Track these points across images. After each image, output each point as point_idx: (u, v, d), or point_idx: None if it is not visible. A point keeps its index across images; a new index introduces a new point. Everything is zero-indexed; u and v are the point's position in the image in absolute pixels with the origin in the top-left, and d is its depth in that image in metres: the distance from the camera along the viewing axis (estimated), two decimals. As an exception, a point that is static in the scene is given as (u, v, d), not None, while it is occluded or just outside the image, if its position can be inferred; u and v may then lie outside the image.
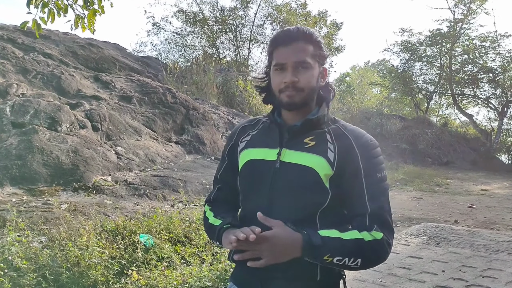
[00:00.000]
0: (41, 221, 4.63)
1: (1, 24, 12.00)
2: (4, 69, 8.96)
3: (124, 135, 8.65)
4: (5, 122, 7.00)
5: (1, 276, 3.11)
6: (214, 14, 22.22)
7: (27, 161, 6.26)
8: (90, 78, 10.86)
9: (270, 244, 1.21)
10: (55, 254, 3.58)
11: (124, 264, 3.87)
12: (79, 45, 12.54)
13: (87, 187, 6.34)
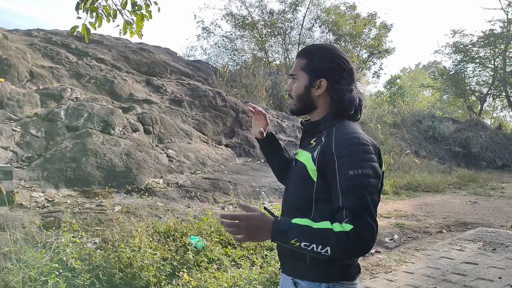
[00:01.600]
0: (95, 222, 4.72)
1: (55, 30, 12.62)
2: (58, 73, 9.36)
3: (175, 138, 8.77)
4: (60, 125, 7.28)
5: (56, 276, 3.16)
6: (262, 18, 22.35)
7: (81, 163, 6.45)
8: (142, 82, 11.15)
9: (246, 223, 1.44)
10: (108, 255, 3.61)
11: (175, 266, 3.85)
12: (131, 50, 12.93)
13: (139, 189, 6.43)
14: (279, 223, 1.45)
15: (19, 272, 3.21)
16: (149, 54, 13.50)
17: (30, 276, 3.17)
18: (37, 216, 4.80)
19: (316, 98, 1.64)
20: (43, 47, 10.35)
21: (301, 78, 1.65)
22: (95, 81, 9.80)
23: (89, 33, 4.94)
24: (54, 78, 9.07)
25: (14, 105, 7.35)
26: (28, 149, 6.66)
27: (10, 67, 8.25)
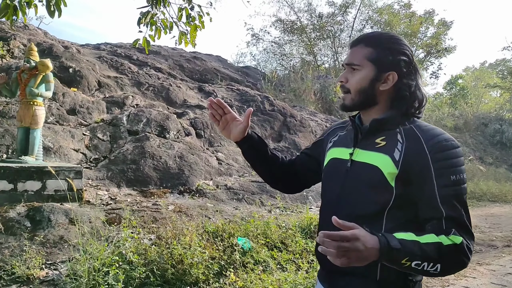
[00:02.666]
0: (150, 220, 5.01)
1: (120, 43, 13.31)
2: (122, 83, 9.90)
3: (225, 142, 9.02)
4: (122, 130, 7.73)
5: (116, 268, 3.43)
6: (311, 22, 22.23)
7: (140, 165, 6.83)
8: (195, 88, 11.53)
9: (354, 244, 1.13)
10: (162, 251, 3.85)
11: (222, 265, 4.02)
12: (185, 58, 13.39)
13: (191, 190, 6.72)
14: (388, 241, 1.17)
15: (86, 263, 3.50)
16: (202, 62, 13.91)
17: (94, 267, 3.46)
18: (101, 212, 5.16)
19: (379, 93, 1.41)
20: (109, 59, 10.98)
21: (366, 69, 1.40)
22: (153, 88, 10.27)
23: (149, 45, 5.27)
24: (118, 87, 9.61)
25: (84, 112, 7.89)
26: (96, 151, 7.14)
27: (82, 77, 8.85)
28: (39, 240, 4.34)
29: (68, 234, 4.54)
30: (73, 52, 10.06)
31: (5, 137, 6.69)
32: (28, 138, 5.69)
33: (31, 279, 3.73)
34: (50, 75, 5.87)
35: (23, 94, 5.73)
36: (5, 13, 4.57)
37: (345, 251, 1.12)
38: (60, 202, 5.30)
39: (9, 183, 5.16)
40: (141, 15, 5.22)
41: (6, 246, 4.26)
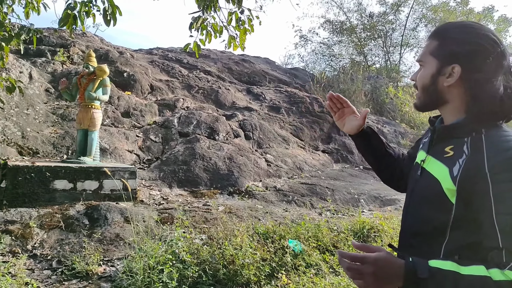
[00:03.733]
0: (201, 220, 5.09)
1: (171, 47, 13.68)
2: (173, 86, 10.16)
3: (273, 143, 9.02)
4: (174, 131, 7.92)
5: (170, 266, 3.50)
6: (361, 22, 21.83)
7: (191, 166, 6.97)
8: (243, 91, 11.63)
9: (375, 269, 1.07)
10: (214, 251, 3.89)
11: (274, 267, 4.00)
12: (233, 61, 13.54)
13: (240, 192, 6.76)
14: (415, 268, 1.07)
15: (141, 260, 3.60)
16: (250, 64, 14.01)
17: (149, 265, 3.55)
18: (154, 212, 5.30)
19: (445, 90, 1.25)
20: (161, 63, 11.32)
21: (429, 64, 1.28)
22: (203, 91, 10.46)
23: (199, 49, 5.37)
24: (169, 90, 9.88)
25: (138, 115, 8.17)
26: (148, 153, 7.36)
27: (135, 81, 9.18)
28: (97, 237, 4.52)
29: (123, 232, 4.70)
30: (127, 57, 10.45)
31: (66, 138, 7.04)
32: (87, 139, 5.96)
33: (90, 275, 3.89)
34: (107, 79, 6.12)
35: (82, 97, 6.01)
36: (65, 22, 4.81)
37: (359, 274, 1.07)
38: (116, 201, 5.50)
39: (69, 183, 5.42)
40: (192, 20, 5.34)
41: (67, 242, 4.47)
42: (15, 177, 5.11)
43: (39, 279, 3.81)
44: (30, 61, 9.10)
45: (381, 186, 8.05)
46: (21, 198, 5.08)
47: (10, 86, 5.87)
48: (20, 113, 7.15)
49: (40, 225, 4.68)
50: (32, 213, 4.88)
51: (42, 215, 4.87)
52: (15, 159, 5.99)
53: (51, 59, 9.57)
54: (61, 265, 4.09)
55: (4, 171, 5.19)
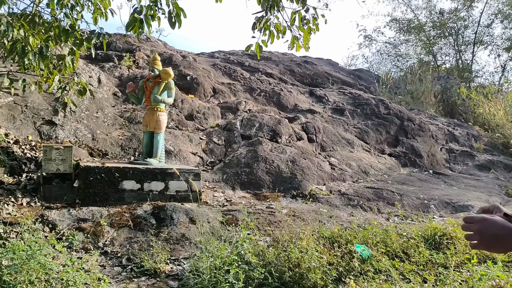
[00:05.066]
0: (265, 222, 5.11)
1: (232, 50, 13.94)
2: (235, 89, 10.35)
3: (337, 147, 8.89)
4: (236, 134, 8.05)
5: (236, 267, 3.55)
6: (431, 19, 20.96)
7: (254, 168, 7.04)
8: (306, 93, 11.59)
9: (480, 226, 1.17)
10: (279, 254, 3.89)
11: (341, 272, 3.93)
12: (295, 63, 13.54)
13: (304, 195, 6.73)
14: None
15: (207, 260, 3.68)
16: (312, 66, 13.94)
17: (215, 265, 3.62)
18: (218, 213, 5.40)
19: None
20: (223, 66, 11.58)
21: None
22: (265, 94, 10.55)
23: (261, 50, 5.42)
24: (231, 93, 10.07)
25: (201, 117, 8.41)
26: (211, 155, 7.54)
27: (198, 85, 9.47)
28: (164, 237, 4.69)
29: (189, 232, 4.83)
30: (190, 61, 10.80)
31: (132, 140, 7.39)
32: (153, 142, 6.20)
33: (158, 273, 4.04)
34: (172, 82, 6.34)
35: (148, 100, 6.27)
36: (132, 26, 5.07)
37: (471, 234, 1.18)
38: (181, 202, 5.68)
39: (137, 183, 5.67)
40: (255, 20, 5.41)
41: (135, 240, 4.67)
42: (87, 177, 5.42)
43: (110, 275, 4.00)
44: (99, 66, 9.66)
45: (453, 192, 7.67)
46: (92, 197, 5.39)
47: (81, 90, 6.28)
48: (90, 116, 7.60)
49: (110, 224, 4.93)
50: (103, 211, 5.15)
51: (112, 214, 5.13)
52: (86, 160, 6.37)
53: (118, 64, 10.11)
54: (130, 263, 4.28)
55: (76, 171, 5.54)
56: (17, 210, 4.88)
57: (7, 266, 3.22)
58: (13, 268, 3.21)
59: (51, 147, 5.54)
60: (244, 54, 13.05)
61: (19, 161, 5.87)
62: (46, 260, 3.42)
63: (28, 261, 3.30)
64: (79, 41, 5.30)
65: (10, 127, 6.57)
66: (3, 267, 3.23)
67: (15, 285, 3.04)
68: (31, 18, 5.15)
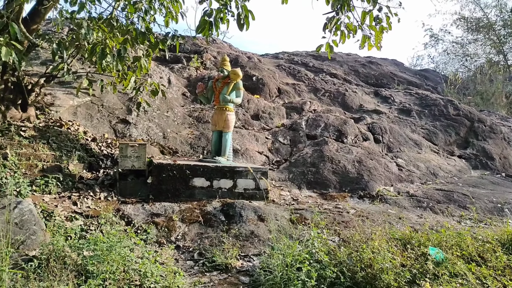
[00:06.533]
0: (333, 222, 4.99)
1: (296, 51, 13.86)
2: (299, 89, 10.26)
3: (404, 147, 8.53)
4: (301, 134, 7.97)
5: (308, 266, 3.47)
6: (501, 17, 19.72)
7: (319, 168, 6.92)
8: (371, 93, 11.25)
9: None
10: (351, 253, 3.76)
11: (414, 274, 3.73)
12: (360, 63, 13.21)
13: (371, 196, 6.51)
14: None
15: (278, 258, 3.64)
16: (377, 66, 13.54)
17: (287, 262, 3.56)
18: (286, 212, 5.35)
19: None
20: (287, 67, 11.54)
21: None
22: (329, 94, 10.37)
23: (332, 50, 5.31)
24: (296, 93, 10.00)
25: (266, 117, 8.42)
26: (277, 154, 7.52)
27: (263, 85, 9.49)
28: (233, 233, 4.71)
29: (257, 229, 4.82)
30: (255, 62, 10.86)
31: (201, 139, 7.53)
32: (221, 140, 6.27)
33: (229, 268, 4.05)
34: (240, 83, 6.38)
35: (217, 100, 6.34)
36: (202, 28, 5.16)
37: None
38: (249, 200, 5.68)
39: (207, 180, 5.75)
40: (327, 20, 5.31)
41: (206, 236, 4.73)
42: (160, 174, 5.58)
43: (183, 269, 4.07)
44: (168, 67, 9.96)
45: (528, 195, 7.11)
46: (164, 193, 5.53)
47: (154, 90, 6.50)
48: (161, 116, 7.85)
49: (181, 219, 5.03)
50: (174, 207, 5.27)
51: (183, 209, 5.23)
52: (158, 157, 6.57)
53: (186, 65, 10.38)
54: (202, 257, 4.33)
55: (150, 168, 5.72)
56: (96, 204, 5.11)
57: (91, 257, 3.36)
58: (95, 258, 3.34)
59: (126, 144, 5.77)
60: (308, 54, 12.94)
61: (97, 158, 6.16)
62: (125, 252, 3.54)
63: (109, 252, 3.42)
64: (154, 43, 5.48)
65: (88, 125, 6.93)
66: (87, 257, 3.37)
67: (98, 274, 3.16)
68: (109, 22, 5.39)
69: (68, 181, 5.39)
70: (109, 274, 3.22)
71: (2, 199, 4.11)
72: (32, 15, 5.80)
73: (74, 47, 5.76)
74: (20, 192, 4.54)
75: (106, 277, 3.16)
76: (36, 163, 5.41)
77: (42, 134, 5.95)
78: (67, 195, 5.15)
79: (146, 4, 5.71)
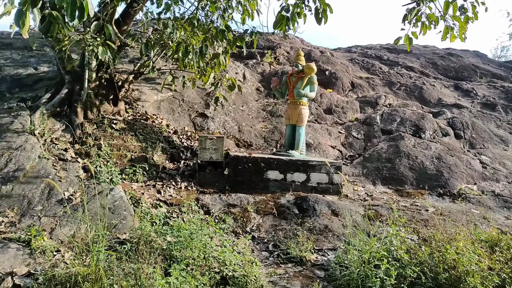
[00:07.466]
0: (411, 220, 4.76)
1: (369, 44, 13.40)
2: (373, 83, 9.91)
3: (489, 144, 7.93)
4: (376, 129, 7.70)
5: (386, 263, 3.33)
6: None
7: (395, 164, 6.64)
8: (450, 87, 10.60)
9: None
10: (432, 253, 3.57)
11: (504, 279, 3.45)
12: (438, 56, 12.47)
13: (451, 194, 6.13)
14: None
15: (355, 254, 3.54)
16: (457, 58, 12.70)
17: (364, 259, 3.45)
18: (360, 207, 5.21)
19: None
20: (360, 61, 11.20)
21: None
22: (405, 88, 9.91)
23: (411, 42, 5.04)
24: (370, 87, 9.68)
25: (339, 111, 8.24)
26: (350, 149, 7.34)
27: (336, 79, 9.30)
28: (307, 227, 4.67)
29: (331, 224, 4.74)
30: (328, 56, 10.66)
31: (274, 133, 7.55)
32: (295, 134, 6.24)
33: (304, 261, 4.02)
34: (315, 77, 6.29)
35: (291, 95, 6.31)
36: (280, 24, 5.13)
37: None
38: (322, 194, 5.61)
39: (280, 173, 5.75)
40: (407, 11, 5.05)
41: (280, 228, 4.74)
42: (236, 166, 5.68)
43: (258, 259, 4.10)
44: (243, 63, 10.09)
45: None
46: (240, 184, 5.62)
47: (231, 85, 6.62)
48: (237, 110, 7.97)
49: (256, 210, 5.08)
50: (249, 199, 5.34)
51: (258, 201, 5.28)
52: (234, 150, 6.69)
53: (260, 61, 10.44)
54: (276, 249, 4.34)
55: (226, 160, 5.83)
56: (177, 193, 5.31)
57: (175, 243, 3.49)
58: (179, 244, 3.47)
59: (205, 137, 5.93)
60: (382, 47, 12.45)
61: (178, 149, 6.40)
62: (206, 240, 3.64)
63: (191, 239, 3.53)
64: (232, 40, 5.57)
65: (170, 119, 7.22)
66: (171, 242, 3.51)
67: (182, 260, 3.28)
68: (190, 21, 5.55)
69: (152, 171, 5.66)
70: (191, 260, 3.32)
71: (97, 185, 4.42)
72: (123, 16, 6.16)
73: (159, 46, 6.02)
74: (112, 180, 4.84)
75: (189, 262, 3.27)
76: (126, 153, 5.75)
77: (130, 126, 6.30)
78: (152, 183, 5.41)
79: (225, 3, 5.81)
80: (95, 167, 5.04)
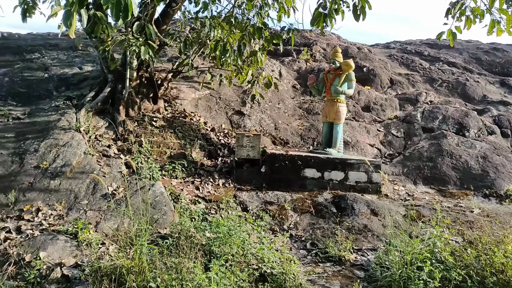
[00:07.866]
0: (457, 221, 4.59)
1: (409, 40, 13.04)
2: (413, 79, 9.63)
3: (537, 143, 7.55)
4: (417, 126, 7.48)
5: (430, 265, 3.22)
6: None
7: (437, 163, 6.43)
8: (495, 83, 10.14)
9: None
10: (479, 256, 3.42)
11: (557, 286, 3.27)
12: (482, 51, 11.98)
13: (498, 195, 5.87)
14: None
15: (396, 255, 3.44)
16: (503, 53, 12.14)
17: (406, 260, 3.36)
18: (401, 207, 5.07)
19: None
20: (399, 57, 10.91)
21: None
22: (447, 84, 9.57)
23: (455, 37, 4.85)
24: (409, 84, 9.41)
25: (378, 109, 8.06)
26: (390, 147, 7.16)
27: (375, 76, 9.10)
28: (346, 226, 4.59)
29: (371, 223, 4.64)
30: (365, 52, 10.45)
31: (311, 130, 7.48)
32: (332, 132, 6.14)
33: (343, 261, 3.95)
34: (352, 74, 6.16)
35: (328, 92, 6.22)
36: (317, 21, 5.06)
37: None
38: (361, 193, 5.50)
39: (318, 172, 5.69)
40: (450, 5, 4.87)
41: (317, 227, 4.68)
42: (273, 164, 5.66)
43: (296, 257, 4.07)
44: (279, 60, 10.04)
45: None
46: (277, 182, 5.60)
47: (267, 83, 6.59)
48: (273, 107, 7.95)
49: (293, 208, 5.05)
50: (286, 196, 5.31)
51: (295, 199, 5.24)
52: (270, 147, 6.67)
53: (296, 58, 10.36)
54: (314, 247, 4.30)
55: (263, 158, 5.82)
56: (215, 190, 5.35)
57: (214, 239, 3.52)
58: (218, 240, 3.50)
59: (242, 134, 5.94)
60: (422, 43, 12.08)
61: (215, 146, 6.45)
62: (244, 236, 3.64)
63: (230, 236, 3.55)
64: (269, 37, 5.55)
65: (207, 116, 7.28)
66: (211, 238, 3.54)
67: (221, 255, 3.30)
68: (228, 20, 5.57)
69: (191, 168, 5.73)
70: (230, 256, 3.34)
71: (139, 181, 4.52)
72: (162, 16, 6.26)
73: (197, 45, 6.08)
74: (153, 176, 4.94)
75: (228, 258, 3.29)
76: (165, 150, 5.85)
77: (169, 124, 6.40)
78: (191, 180, 5.47)
79: (261, 1, 5.80)
80: (136, 163, 5.16)
